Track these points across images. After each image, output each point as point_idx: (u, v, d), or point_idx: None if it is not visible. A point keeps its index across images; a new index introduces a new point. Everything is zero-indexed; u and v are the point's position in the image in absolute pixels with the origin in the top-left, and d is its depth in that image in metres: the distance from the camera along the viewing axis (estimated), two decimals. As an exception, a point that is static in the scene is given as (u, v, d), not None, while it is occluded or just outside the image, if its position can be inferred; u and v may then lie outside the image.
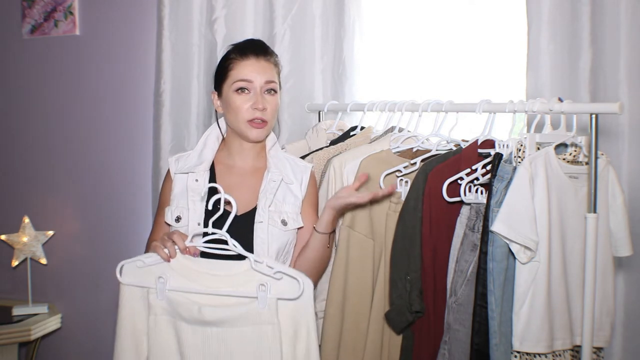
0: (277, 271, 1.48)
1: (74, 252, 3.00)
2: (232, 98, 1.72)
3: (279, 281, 1.49)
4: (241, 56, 1.73)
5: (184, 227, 1.70)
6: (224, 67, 1.76)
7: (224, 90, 1.75)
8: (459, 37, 2.36)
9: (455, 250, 1.76)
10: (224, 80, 1.75)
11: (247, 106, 1.71)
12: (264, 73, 1.72)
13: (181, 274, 1.54)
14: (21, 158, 3.08)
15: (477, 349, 1.61)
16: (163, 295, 1.53)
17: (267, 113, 1.72)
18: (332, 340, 1.81)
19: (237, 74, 1.72)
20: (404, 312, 1.74)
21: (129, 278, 1.57)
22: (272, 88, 1.73)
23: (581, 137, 1.72)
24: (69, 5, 2.92)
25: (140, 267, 1.56)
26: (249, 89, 1.71)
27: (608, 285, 1.73)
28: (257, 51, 1.74)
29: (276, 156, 1.81)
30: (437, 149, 1.90)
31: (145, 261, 1.56)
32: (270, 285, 1.48)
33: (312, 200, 1.82)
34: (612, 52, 2.09)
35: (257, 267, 1.49)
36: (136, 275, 1.56)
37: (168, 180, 1.81)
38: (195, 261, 1.55)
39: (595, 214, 1.60)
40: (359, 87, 2.48)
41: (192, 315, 1.50)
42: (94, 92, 2.94)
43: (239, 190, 1.74)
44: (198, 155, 1.80)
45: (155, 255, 1.55)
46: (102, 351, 2.96)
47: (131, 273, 1.57)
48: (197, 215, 1.70)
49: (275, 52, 1.81)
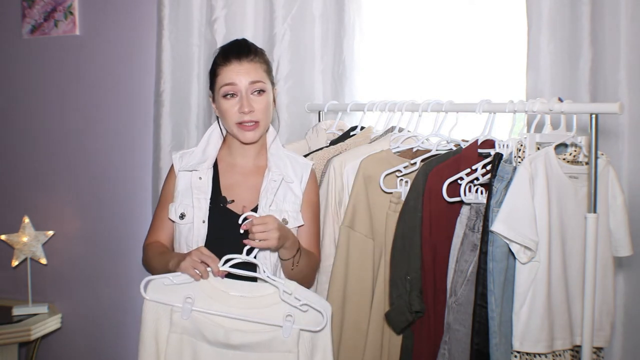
0: (303, 304, 1.53)
1: (74, 252, 2.99)
2: (221, 103, 1.74)
3: (305, 313, 1.53)
4: (224, 61, 1.73)
5: (188, 225, 1.71)
6: (212, 73, 1.77)
7: (215, 95, 1.77)
8: (459, 37, 2.36)
9: (455, 250, 1.76)
10: (214, 86, 1.76)
11: (235, 110, 1.72)
12: (247, 75, 1.72)
13: (209, 294, 1.54)
14: (21, 158, 3.08)
15: (477, 349, 1.61)
16: (188, 315, 1.53)
17: (256, 114, 1.72)
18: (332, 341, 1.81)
19: (222, 80, 1.73)
20: (404, 312, 1.74)
21: (154, 294, 1.56)
22: (259, 88, 1.73)
23: (581, 137, 1.72)
24: (69, 5, 2.92)
25: (167, 284, 1.55)
26: (235, 92, 1.72)
27: (608, 285, 1.73)
28: (240, 53, 1.73)
29: (276, 154, 1.81)
30: (437, 149, 1.90)
31: (173, 279, 1.55)
32: (296, 317, 1.53)
33: (312, 199, 1.81)
34: (612, 52, 2.09)
35: (285, 298, 1.53)
36: (161, 292, 1.55)
37: (171, 177, 1.81)
38: (222, 282, 1.56)
39: (595, 214, 1.60)
40: (359, 87, 2.48)
41: (216, 338, 1.52)
42: (94, 92, 2.94)
43: (240, 188, 1.76)
44: (202, 153, 1.81)
45: (183, 275, 1.55)
46: (102, 351, 2.97)
47: (156, 290, 1.56)
48: (202, 213, 1.71)
49: (260, 49, 1.79)
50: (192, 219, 1.71)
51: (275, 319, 1.53)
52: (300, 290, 1.55)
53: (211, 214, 1.71)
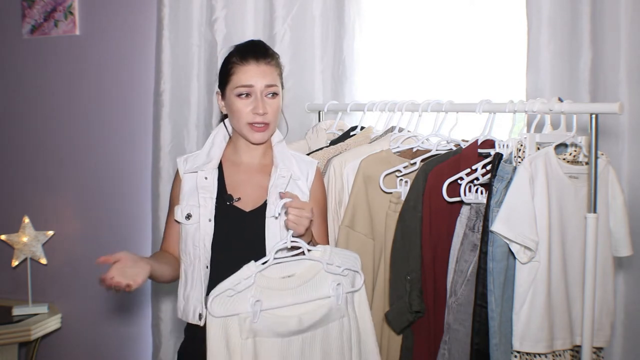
0: (344, 269, 1.60)
1: (74, 252, 3.00)
2: (233, 102, 1.74)
3: (346, 277, 1.60)
4: (242, 61, 1.74)
5: (195, 224, 1.71)
6: (226, 71, 1.77)
7: (227, 93, 1.76)
8: (459, 37, 2.36)
9: (455, 250, 1.76)
10: (227, 84, 1.76)
11: (248, 110, 1.72)
12: (264, 77, 1.73)
13: (268, 288, 1.55)
14: (21, 158, 3.08)
15: (477, 349, 1.61)
16: (257, 317, 1.52)
17: (268, 116, 1.73)
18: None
19: (238, 79, 1.73)
20: (404, 312, 1.75)
21: (220, 309, 1.51)
22: (273, 91, 1.74)
23: (581, 137, 1.72)
24: (69, 5, 2.92)
25: (231, 295, 1.52)
26: (250, 93, 1.73)
27: (608, 285, 1.73)
28: (258, 55, 1.74)
29: (282, 152, 1.82)
30: (437, 149, 1.90)
31: (235, 288, 1.52)
32: (343, 283, 1.60)
33: (318, 196, 1.82)
34: (612, 52, 2.10)
35: (329, 270, 1.58)
36: (227, 305, 1.52)
37: (177, 181, 1.82)
38: (271, 270, 1.56)
39: (595, 214, 1.60)
40: (359, 87, 2.48)
41: (288, 329, 1.54)
42: (94, 92, 2.94)
43: (246, 187, 1.76)
44: (206, 154, 1.81)
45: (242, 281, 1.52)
46: (102, 351, 2.97)
47: (222, 304, 1.52)
48: (208, 212, 1.71)
49: (276, 53, 1.81)
50: (198, 218, 1.71)
51: (326, 289, 1.58)
52: (334, 253, 1.60)
53: (217, 212, 1.72)
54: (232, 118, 1.77)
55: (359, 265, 1.63)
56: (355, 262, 1.63)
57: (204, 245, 1.69)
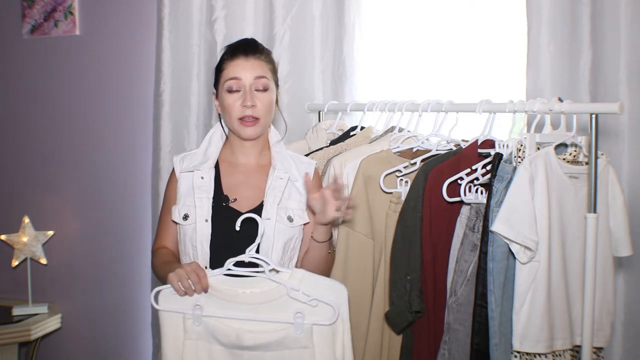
0: (312, 299, 1.50)
1: (74, 252, 2.99)
2: (224, 97, 1.75)
3: (315, 308, 1.50)
4: (231, 56, 1.75)
5: (192, 225, 1.71)
6: (218, 68, 1.79)
7: (219, 90, 1.78)
8: (459, 37, 2.36)
9: (455, 250, 1.76)
10: (218, 81, 1.77)
11: (238, 104, 1.73)
12: (253, 70, 1.73)
13: (219, 297, 1.53)
14: (21, 158, 3.08)
15: (477, 349, 1.61)
16: (200, 321, 1.53)
17: (258, 110, 1.73)
18: (332, 340, 1.80)
19: (227, 74, 1.74)
20: (404, 312, 1.75)
21: (165, 304, 1.55)
22: (263, 84, 1.74)
23: (581, 137, 1.72)
24: (69, 5, 2.92)
25: (174, 292, 1.54)
26: (239, 87, 1.73)
27: (608, 285, 1.73)
28: (247, 50, 1.75)
29: (280, 153, 1.82)
30: (437, 149, 1.90)
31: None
32: (306, 313, 1.50)
33: None
34: (612, 52, 2.09)
35: (293, 295, 1.50)
36: (172, 301, 1.55)
37: (173, 180, 1.82)
38: (230, 281, 1.54)
39: (595, 214, 1.60)
40: (359, 87, 2.48)
41: (229, 341, 1.52)
42: (94, 92, 2.94)
43: (243, 187, 1.76)
44: (203, 154, 1.81)
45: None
46: (102, 351, 2.97)
47: (167, 299, 1.55)
48: (205, 212, 1.71)
49: (267, 50, 1.81)
50: (195, 218, 1.71)
51: (287, 315, 1.51)
52: (308, 281, 1.52)
53: (214, 213, 1.71)
54: (225, 115, 1.78)
55: (344, 299, 1.52)
56: (339, 295, 1.52)
57: (202, 246, 1.69)
